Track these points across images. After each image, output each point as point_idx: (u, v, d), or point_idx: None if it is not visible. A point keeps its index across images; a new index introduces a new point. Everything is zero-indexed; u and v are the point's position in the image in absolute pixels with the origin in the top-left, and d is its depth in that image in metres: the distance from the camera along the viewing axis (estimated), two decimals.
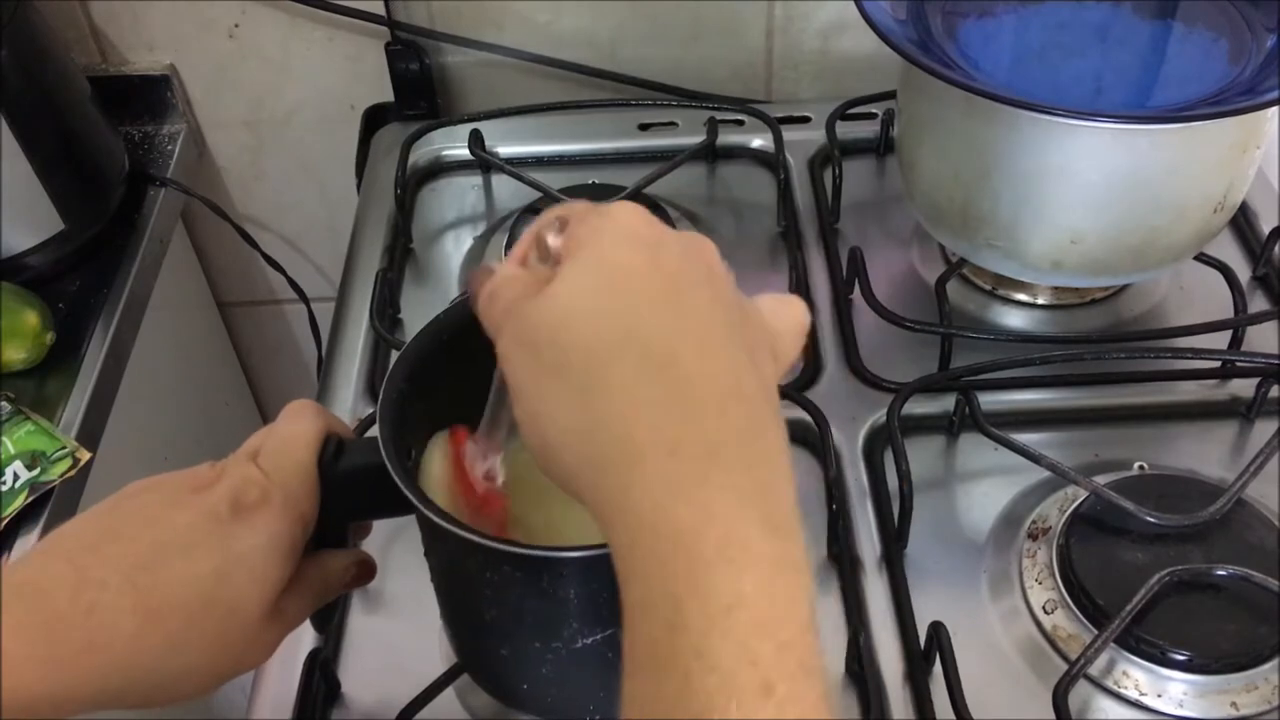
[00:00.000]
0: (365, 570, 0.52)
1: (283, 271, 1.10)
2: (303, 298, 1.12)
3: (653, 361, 0.35)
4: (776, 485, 0.35)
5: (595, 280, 0.37)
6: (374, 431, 0.47)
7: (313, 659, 0.62)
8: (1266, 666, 0.61)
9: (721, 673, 0.31)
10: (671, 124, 0.98)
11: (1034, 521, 0.69)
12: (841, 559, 0.67)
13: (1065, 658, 0.62)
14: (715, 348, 0.36)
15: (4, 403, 0.78)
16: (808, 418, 0.71)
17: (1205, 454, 0.73)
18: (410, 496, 0.45)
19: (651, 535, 0.33)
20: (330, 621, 0.64)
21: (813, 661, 0.33)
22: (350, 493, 0.49)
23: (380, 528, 0.56)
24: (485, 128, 0.95)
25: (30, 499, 0.73)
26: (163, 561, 0.43)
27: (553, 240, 0.39)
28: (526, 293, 0.38)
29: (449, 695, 0.61)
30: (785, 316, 0.41)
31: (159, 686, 0.44)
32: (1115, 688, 0.61)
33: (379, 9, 0.99)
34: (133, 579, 0.43)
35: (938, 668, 0.61)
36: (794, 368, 0.42)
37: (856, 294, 0.81)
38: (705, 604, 0.32)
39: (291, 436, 0.48)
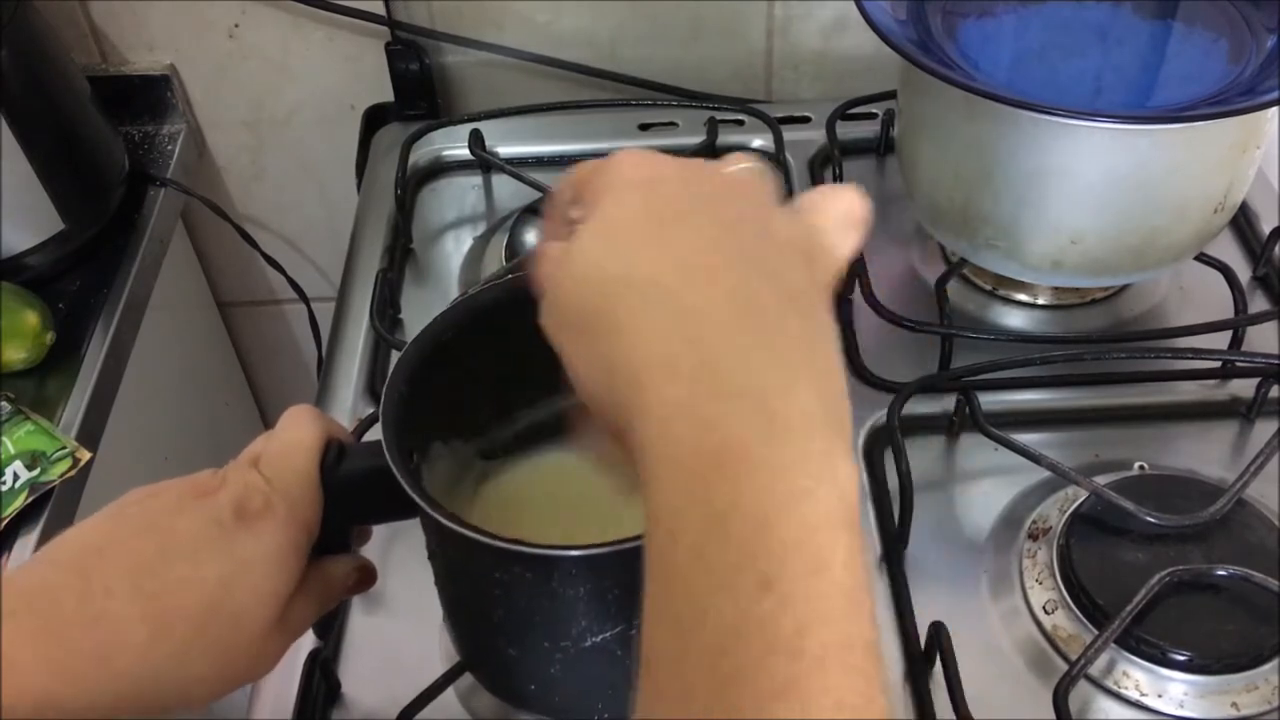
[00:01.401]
0: (367, 575, 0.52)
1: (283, 271, 1.10)
2: (303, 298, 1.12)
3: (644, 297, 0.36)
4: (792, 386, 0.34)
5: (598, 238, 0.38)
6: (374, 434, 0.47)
7: (313, 659, 0.62)
8: (1267, 667, 0.61)
9: (716, 574, 0.31)
10: (671, 124, 0.98)
11: (1034, 522, 0.69)
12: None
13: (1065, 658, 0.62)
14: (710, 270, 0.36)
15: (4, 403, 0.78)
16: None
17: (1205, 454, 0.73)
18: (417, 500, 0.45)
19: (654, 456, 0.34)
20: (332, 629, 0.64)
21: (833, 556, 0.32)
22: (352, 497, 0.48)
23: (380, 529, 0.56)
24: (485, 128, 0.95)
25: (30, 499, 0.73)
26: (168, 567, 0.43)
27: (574, 213, 0.40)
28: (558, 263, 0.39)
29: (449, 695, 0.61)
30: (829, 211, 0.39)
31: (166, 694, 0.43)
32: (1115, 688, 0.61)
33: (379, 9, 0.99)
34: (139, 585, 0.42)
35: (938, 668, 0.61)
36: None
37: (857, 294, 0.81)
38: (699, 512, 0.32)
39: (293, 443, 0.48)
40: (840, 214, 0.39)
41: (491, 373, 0.55)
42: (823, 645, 0.30)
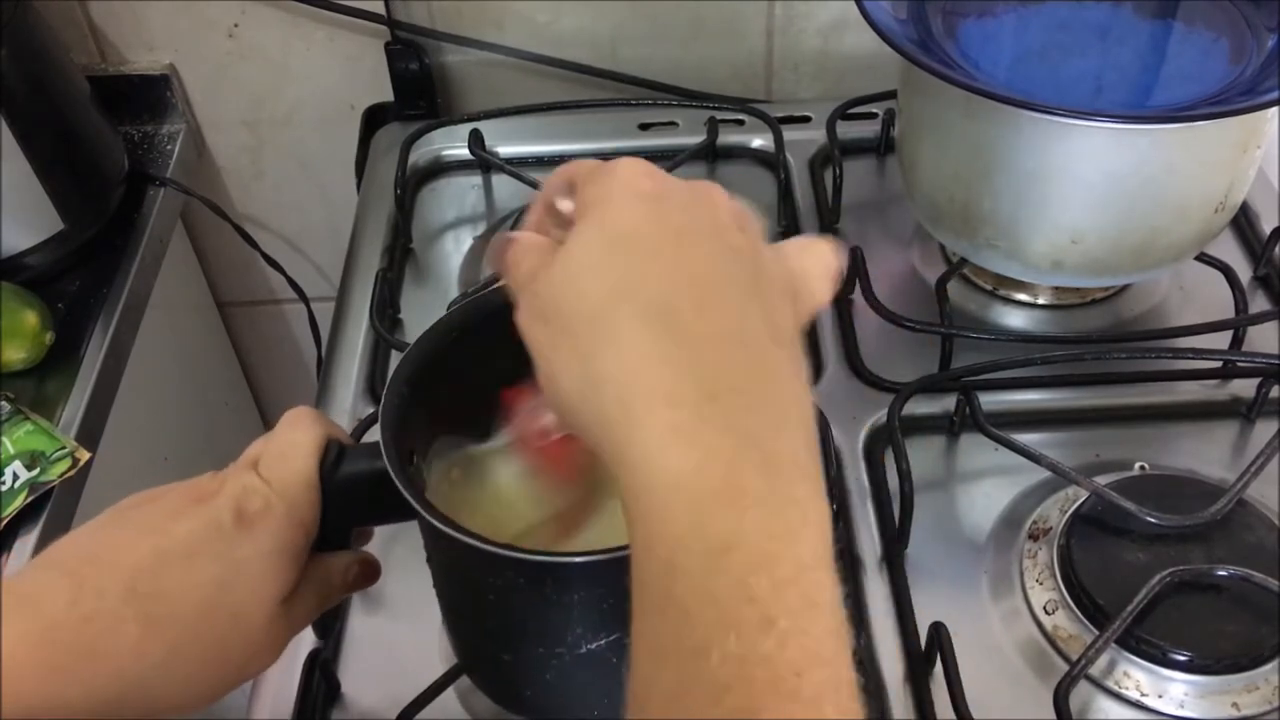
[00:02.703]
0: (369, 570, 0.52)
1: (283, 271, 1.10)
2: (303, 298, 1.12)
3: (648, 315, 0.36)
4: (783, 427, 0.35)
5: (599, 242, 0.37)
6: (373, 435, 0.47)
7: (313, 659, 0.62)
8: (1267, 667, 0.61)
9: (720, 608, 0.32)
10: (672, 124, 0.98)
11: (1035, 522, 0.69)
12: (842, 559, 0.67)
13: (1066, 658, 0.62)
14: (715, 297, 0.36)
15: (3, 403, 0.78)
16: None
17: (1206, 454, 0.73)
18: (413, 502, 0.45)
19: (650, 481, 0.34)
20: (332, 629, 0.63)
21: (820, 596, 0.33)
22: (352, 499, 0.48)
23: (379, 529, 0.56)
24: (485, 128, 0.95)
25: (30, 499, 0.73)
26: (164, 570, 0.43)
27: (563, 205, 0.40)
28: (543, 260, 0.38)
29: (449, 696, 0.61)
30: (810, 258, 0.40)
31: (161, 695, 0.43)
32: (1116, 688, 0.61)
33: (379, 9, 0.99)
34: (133, 587, 0.43)
35: (938, 668, 0.61)
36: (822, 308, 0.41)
37: (857, 294, 0.81)
38: (702, 545, 0.32)
39: (291, 444, 0.47)
40: (821, 265, 0.40)
41: (495, 373, 0.54)
42: (817, 686, 0.31)
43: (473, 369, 0.53)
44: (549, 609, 0.47)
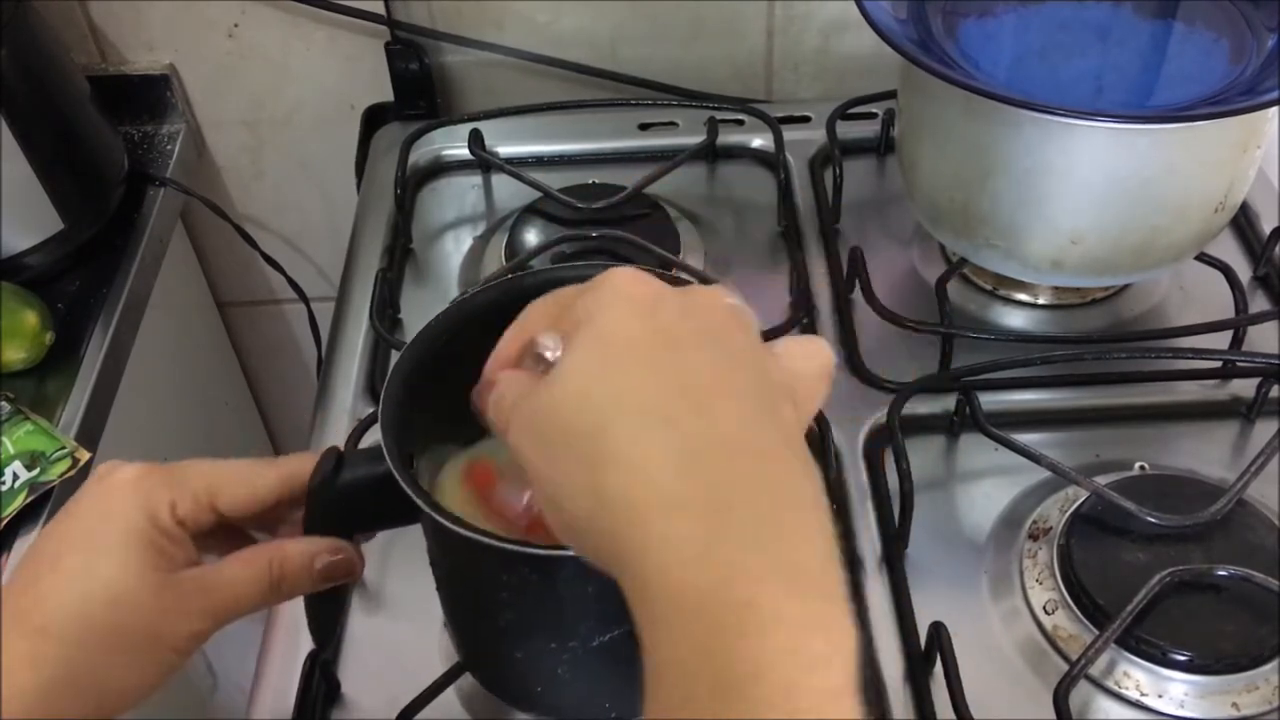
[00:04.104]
0: (343, 564, 0.49)
1: (282, 271, 1.10)
2: (302, 298, 1.12)
3: (649, 422, 0.34)
4: (802, 538, 0.33)
5: (593, 354, 0.36)
6: (371, 438, 0.47)
7: (313, 659, 0.62)
8: (1267, 667, 0.61)
9: None
10: (671, 124, 0.98)
11: (1035, 522, 0.69)
12: (842, 559, 0.67)
13: (1066, 658, 0.62)
14: (717, 403, 0.35)
15: (3, 403, 0.78)
16: None
17: (1206, 454, 0.73)
18: (421, 504, 0.44)
19: (669, 602, 0.32)
20: (331, 636, 0.62)
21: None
22: (354, 505, 0.48)
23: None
24: (485, 127, 0.95)
25: (30, 499, 0.73)
26: (37, 581, 0.43)
27: (546, 344, 0.38)
28: (530, 387, 0.37)
29: (449, 695, 0.61)
30: (806, 358, 0.39)
31: (80, 696, 0.43)
32: (1116, 688, 0.61)
33: (379, 9, 0.99)
34: (16, 605, 0.43)
35: (938, 668, 0.61)
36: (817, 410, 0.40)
37: (857, 294, 0.81)
38: (720, 675, 0.31)
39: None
40: (817, 365, 0.39)
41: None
42: None
43: (467, 369, 0.53)
44: (560, 604, 0.47)
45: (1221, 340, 0.76)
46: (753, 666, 0.31)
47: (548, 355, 0.38)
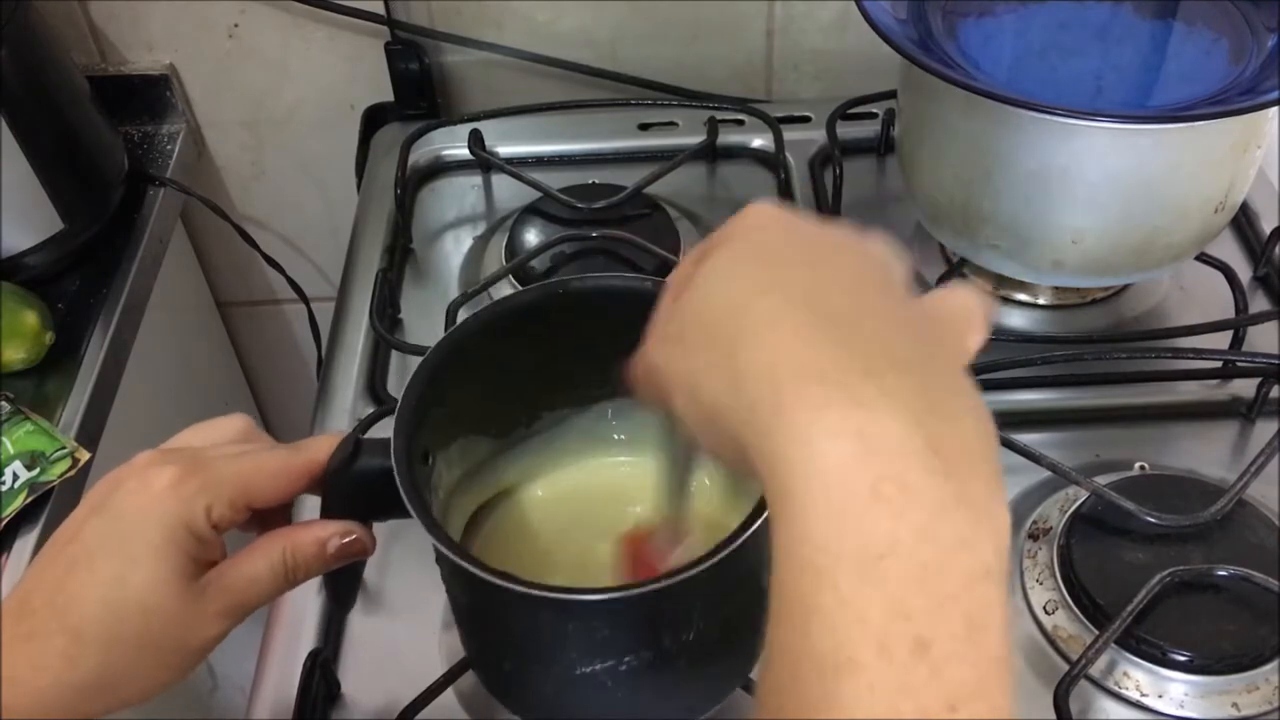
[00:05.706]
0: (356, 544, 0.50)
1: (282, 271, 1.10)
2: (302, 298, 1.12)
3: (796, 301, 0.33)
4: (955, 413, 0.31)
5: (734, 254, 0.36)
6: (374, 434, 0.47)
7: (313, 659, 0.62)
8: (1267, 667, 0.61)
9: (869, 624, 0.28)
10: (672, 124, 0.98)
11: (1035, 522, 0.69)
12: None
13: (1066, 658, 0.62)
14: (869, 289, 0.34)
15: (3, 403, 0.78)
16: None
17: (1206, 454, 0.73)
18: (419, 517, 0.45)
19: (796, 474, 0.30)
20: (351, 600, 0.60)
21: (987, 617, 0.29)
22: (369, 492, 0.48)
23: (380, 529, 0.56)
24: (485, 127, 0.95)
25: (30, 499, 0.73)
26: (71, 577, 0.44)
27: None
28: (677, 287, 0.37)
29: (449, 695, 0.61)
30: (955, 305, 0.36)
31: (102, 695, 0.44)
32: (1116, 688, 0.61)
33: (379, 9, 0.99)
34: (52, 600, 0.44)
35: None
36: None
37: None
38: (853, 550, 0.29)
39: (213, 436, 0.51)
40: (967, 309, 0.36)
41: (517, 375, 0.55)
42: None
43: (495, 369, 0.53)
44: (565, 636, 0.47)
45: (1221, 340, 0.76)
46: (885, 544, 0.29)
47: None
